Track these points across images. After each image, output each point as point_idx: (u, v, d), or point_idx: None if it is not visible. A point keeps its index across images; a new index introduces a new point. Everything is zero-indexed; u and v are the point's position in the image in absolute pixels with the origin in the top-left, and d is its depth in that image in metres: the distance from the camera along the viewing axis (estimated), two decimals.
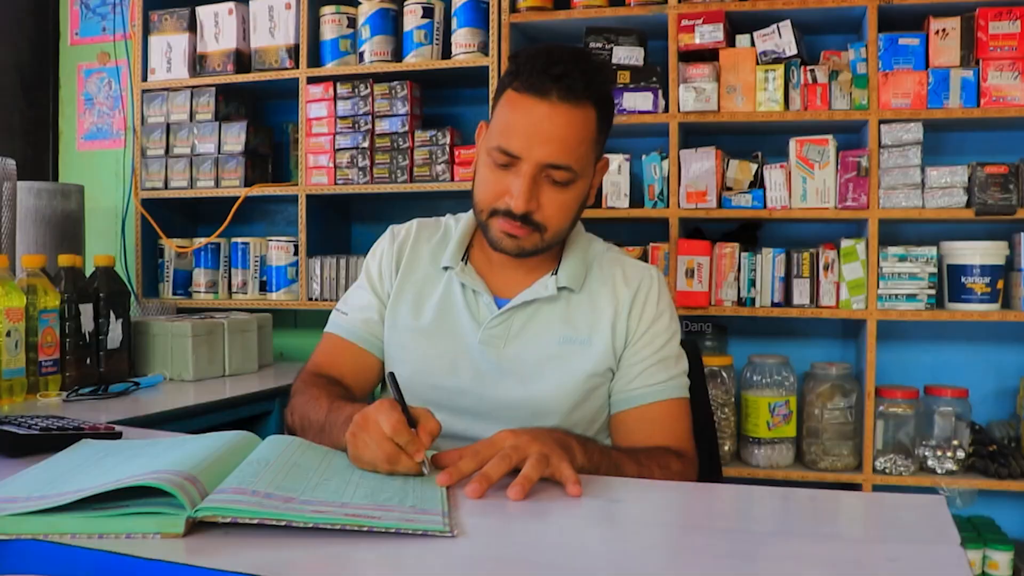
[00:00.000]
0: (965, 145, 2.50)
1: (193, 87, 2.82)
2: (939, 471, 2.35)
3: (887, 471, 2.36)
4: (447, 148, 2.61)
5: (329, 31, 2.71)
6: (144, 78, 2.87)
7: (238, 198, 2.77)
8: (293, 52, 2.73)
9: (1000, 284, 2.32)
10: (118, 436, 1.32)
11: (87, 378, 1.93)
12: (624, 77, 2.48)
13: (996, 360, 2.56)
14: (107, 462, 1.06)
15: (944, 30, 2.29)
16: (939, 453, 2.36)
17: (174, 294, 2.87)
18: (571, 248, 1.48)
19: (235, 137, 2.78)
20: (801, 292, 2.40)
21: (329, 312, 1.57)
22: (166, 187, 2.83)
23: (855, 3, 2.33)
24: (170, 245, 2.85)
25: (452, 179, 2.62)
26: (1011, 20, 2.25)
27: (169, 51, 2.84)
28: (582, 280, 1.46)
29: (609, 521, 1.00)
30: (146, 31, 2.87)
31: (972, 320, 2.36)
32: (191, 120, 2.82)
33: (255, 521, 0.86)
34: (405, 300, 1.49)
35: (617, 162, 2.50)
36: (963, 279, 2.32)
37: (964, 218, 2.31)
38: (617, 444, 1.45)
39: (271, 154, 2.94)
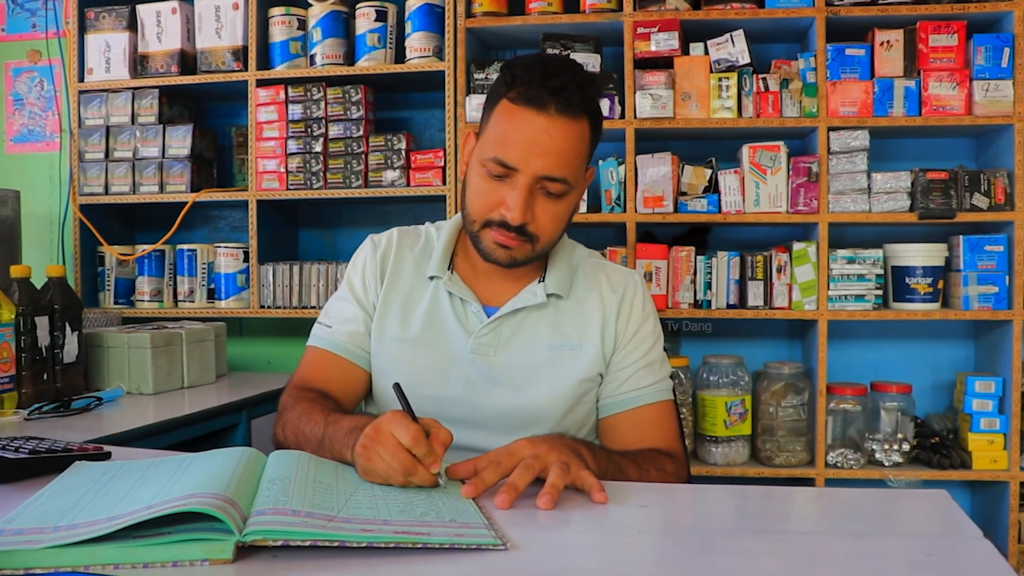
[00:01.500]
0: (908, 151, 2.62)
1: (135, 88, 2.72)
2: (886, 463, 2.45)
3: (839, 465, 2.45)
4: (403, 153, 2.59)
5: (279, 33, 2.65)
6: (81, 78, 2.76)
7: (183, 204, 2.69)
8: (241, 54, 2.67)
9: (940, 284, 2.43)
10: (107, 456, 1.27)
11: (44, 394, 1.85)
12: None
13: (933, 356, 2.69)
14: (118, 485, 1.03)
15: (888, 42, 2.39)
16: (886, 446, 2.46)
17: (116, 303, 2.77)
18: (556, 255, 1.49)
19: (180, 141, 2.70)
20: (755, 294, 2.47)
21: (286, 320, 1.54)
22: (106, 192, 2.73)
23: (803, 14, 2.41)
24: (112, 252, 2.74)
25: (408, 184, 2.60)
26: (949, 34, 2.37)
27: (108, 50, 2.73)
28: (569, 287, 1.47)
29: (650, 527, 1.01)
30: (82, 29, 2.76)
31: (916, 319, 2.47)
32: (133, 123, 2.72)
33: (307, 543, 0.84)
34: (392, 310, 1.48)
35: None
36: (907, 280, 2.43)
37: (908, 222, 2.42)
38: (608, 447, 1.47)
39: (216, 158, 2.86)
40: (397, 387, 1.24)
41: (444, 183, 2.57)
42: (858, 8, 2.38)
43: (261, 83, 2.65)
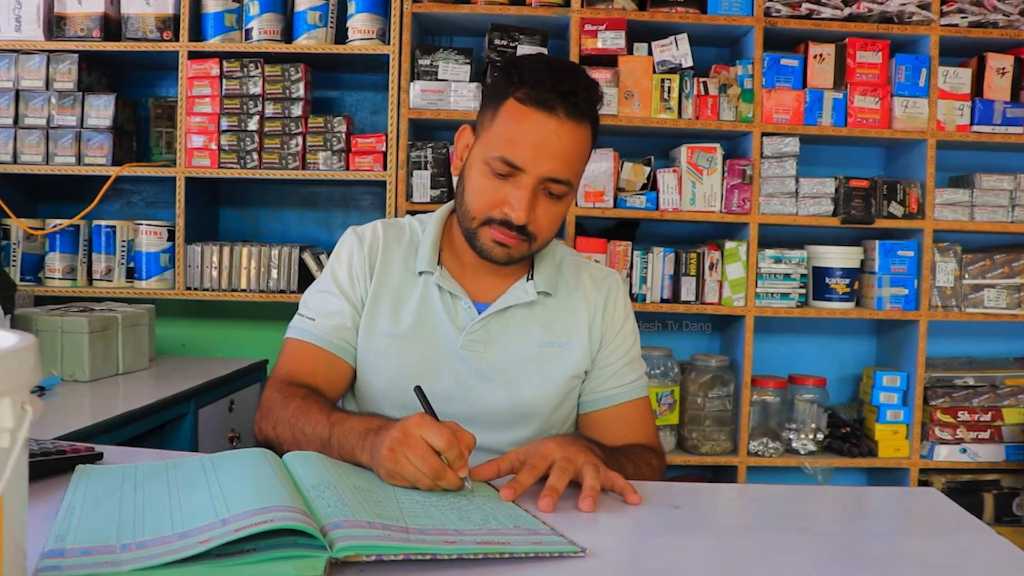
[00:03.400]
0: (825, 157, 2.77)
1: (50, 51, 2.54)
2: (802, 452, 2.61)
3: (759, 453, 2.59)
4: (343, 136, 2.54)
5: (212, 3, 2.53)
6: None
7: (100, 177, 2.54)
8: (171, 23, 2.53)
9: (856, 285, 2.60)
10: (100, 457, 1.21)
11: None
12: None
13: (840, 351, 2.87)
14: (152, 494, 0.98)
15: (821, 55, 2.52)
16: (802, 436, 2.62)
17: (23, 280, 2.59)
18: (542, 252, 1.52)
19: (101, 111, 2.54)
20: (688, 289, 2.57)
21: (202, 302, 1.49)
22: (15, 161, 2.54)
23: (743, 23, 2.51)
24: (21, 226, 2.56)
25: (347, 168, 2.54)
26: (875, 51, 2.52)
27: (18, 7, 2.53)
28: (556, 284, 1.50)
29: (700, 526, 1.06)
30: None
31: (834, 317, 2.63)
32: (47, 88, 2.54)
33: (400, 557, 0.84)
34: (382, 305, 1.46)
35: None
36: (827, 280, 2.58)
37: (831, 225, 2.57)
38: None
39: (135, 130, 2.72)
40: (419, 390, 1.23)
41: (385, 168, 2.54)
42: (794, 21, 2.50)
43: (193, 55, 2.53)
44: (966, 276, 2.60)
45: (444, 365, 1.44)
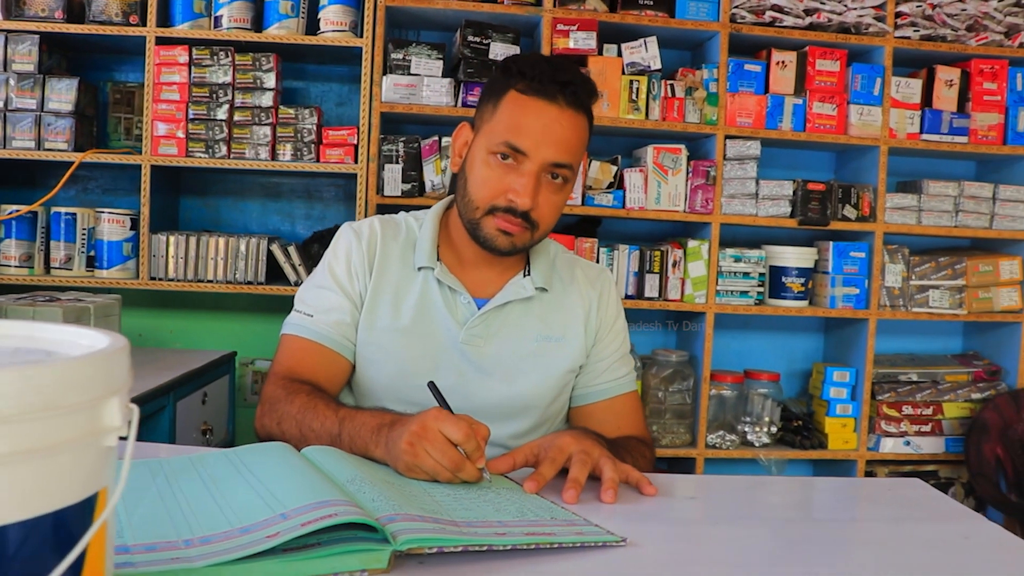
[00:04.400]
0: (788, 161, 2.87)
1: (8, 32, 2.46)
2: (756, 444, 2.71)
3: (717, 446, 2.68)
4: (314, 128, 2.53)
5: None
6: None
7: (61, 163, 2.48)
8: (137, 7, 2.48)
9: (810, 284, 2.71)
10: None
11: None
12: None
13: (791, 347, 2.99)
14: (190, 488, 0.99)
15: (783, 62, 2.62)
16: (756, 429, 2.72)
17: None
18: (537, 248, 1.56)
19: (63, 95, 2.47)
20: (652, 286, 2.64)
21: (158, 292, 1.49)
22: None
23: (709, 28, 2.58)
24: None
25: (318, 160, 2.54)
26: (833, 60, 2.62)
27: None
28: (551, 280, 1.55)
29: (722, 516, 1.12)
30: None
31: (789, 315, 2.74)
32: (5, 70, 2.46)
33: (459, 549, 0.87)
34: (383, 300, 1.48)
35: None
36: (783, 279, 2.68)
37: (789, 226, 2.67)
38: None
39: (96, 115, 2.65)
40: (432, 385, 1.27)
41: (356, 161, 2.54)
42: (758, 28, 2.59)
43: (161, 41, 2.48)
44: (913, 277, 2.73)
45: (445, 360, 1.47)
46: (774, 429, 2.72)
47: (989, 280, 2.74)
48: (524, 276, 1.52)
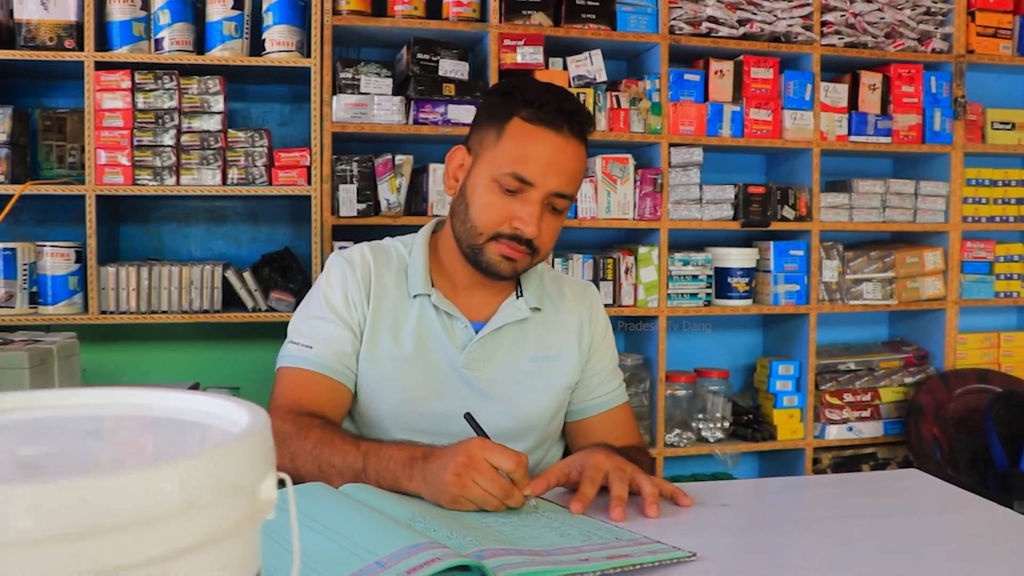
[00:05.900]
0: (725, 166, 2.98)
1: None
2: (711, 440, 2.82)
3: (675, 444, 2.77)
4: (265, 151, 2.49)
5: (117, 11, 2.41)
6: None
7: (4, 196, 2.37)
8: (73, 30, 2.39)
9: (753, 283, 2.83)
10: None
11: None
12: (450, 90, 2.56)
13: (732, 344, 3.11)
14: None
15: (721, 71, 2.72)
16: (710, 425, 2.82)
17: None
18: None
19: None
20: (606, 293, 2.70)
21: (92, 326, 1.46)
22: None
23: (650, 39, 2.67)
24: None
25: (270, 183, 2.50)
26: (767, 68, 2.75)
27: None
28: (543, 299, 1.58)
29: (766, 522, 1.17)
30: None
31: (736, 314, 2.85)
32: None
33: None
34: (383, 329, 1.49)
35: (441, 171, 2.58)
36: (728, 280, 2.79)
37: (733, 229, 2.78)
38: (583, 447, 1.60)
39: (28, 144, 2.55)
40: (469, 416, 1.28)
41: (309, 183, 2.51)
42: (695, 38, 2.69)
43: (101, 66, 2.40)
44: (848, 272, 2.89)
45: (447, 385, 1.48)
46: (726, 424, 2.83)
47: (916, 271, 2.92)
48: (517, 297, 1.54)
